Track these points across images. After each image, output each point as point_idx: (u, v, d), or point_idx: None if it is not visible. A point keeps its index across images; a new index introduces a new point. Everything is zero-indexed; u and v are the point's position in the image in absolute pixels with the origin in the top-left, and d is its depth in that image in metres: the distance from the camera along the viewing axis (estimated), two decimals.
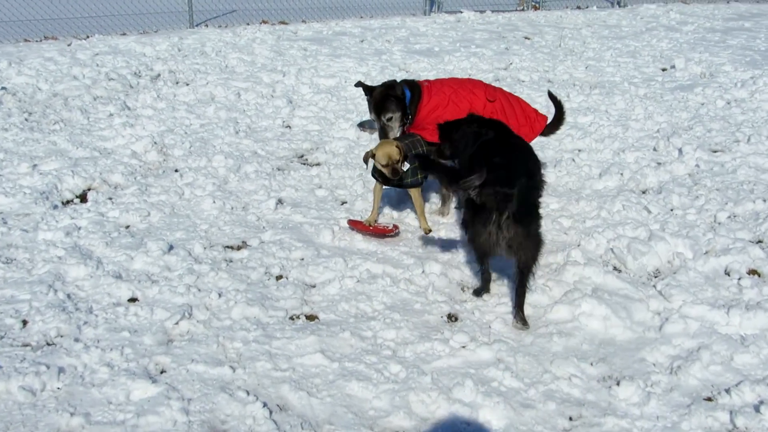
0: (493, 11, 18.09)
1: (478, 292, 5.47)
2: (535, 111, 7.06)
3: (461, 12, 17.59)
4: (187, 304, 5.16)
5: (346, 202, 7.10)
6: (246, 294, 5.31)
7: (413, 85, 6.76)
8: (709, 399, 4.32)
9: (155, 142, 8.46)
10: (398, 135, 6.75)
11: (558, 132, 7.28)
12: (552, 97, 7.13)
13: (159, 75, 11.77)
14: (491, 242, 4.90)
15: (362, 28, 15.80)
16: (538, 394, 4.34)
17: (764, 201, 6.78)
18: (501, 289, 5.48)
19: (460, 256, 5.98)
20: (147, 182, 7.45)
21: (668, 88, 11.21)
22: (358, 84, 6.93)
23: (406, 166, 6.28)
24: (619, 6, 19.80)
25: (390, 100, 6.60)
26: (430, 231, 6.52)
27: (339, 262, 5.78)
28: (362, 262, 5.81)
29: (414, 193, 6.52)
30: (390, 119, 6.66)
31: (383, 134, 6.71)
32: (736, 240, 6.10)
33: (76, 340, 4.70)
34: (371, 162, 6.26)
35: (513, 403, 4.23)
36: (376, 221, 6.50)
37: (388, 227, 6.44)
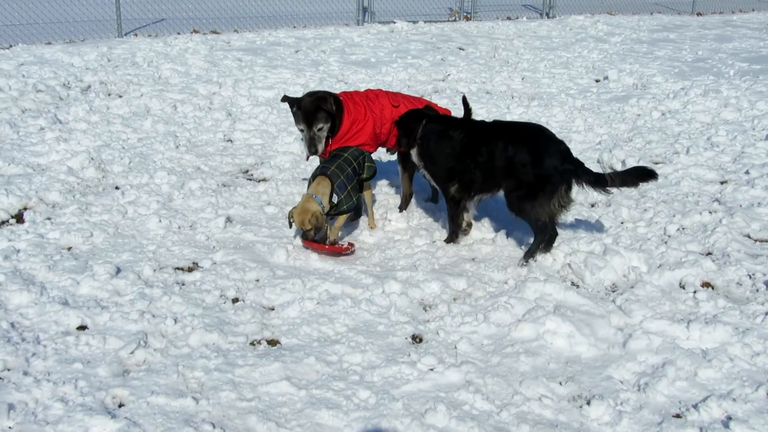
0: (425, 22, 18.16)
1: (548, 247, 6.20)
2: (437, 107, 7.23)
3: (394, 22, 17.59)
4: (142, 331, 4.93)
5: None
6: (203, 319, 5.12)
7: (336, 99, 6.74)
8: (678, 416, 4.34)
9: (92, 158, 8.15)
10: (325, 147, 6.70)
11: None
12: (464, 102, 7.35)
13: (90, 86, 11.37)
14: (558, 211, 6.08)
15: (296, 38, 15.64)
16: (510, 416, 4.28)
17: (710, 213, 6.92)
18: (463, 308, 5.42)
19: (418, 274, 5.89)
20: (87, 201, 7.14)
21: (604, 99, 11.40)
22: (284, 99, 6.80)
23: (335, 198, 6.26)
24: (548, 17, 20.14)
25: (320, 110, 6.53)
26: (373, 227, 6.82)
27: (297, 283, 5.64)
28: (320, 282, 5.68)
29: (366, 195, 6.74)
30: (321, 129, 6.59)
31: (312, 144, 6.61)
32: (688, 253, 6.20)
33: (25, 373, 4.44)
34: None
35: (487, 427, 4.16)
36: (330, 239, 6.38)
37: (343, 246, 6.32)
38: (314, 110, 6.53)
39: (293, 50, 14.52)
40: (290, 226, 6.26)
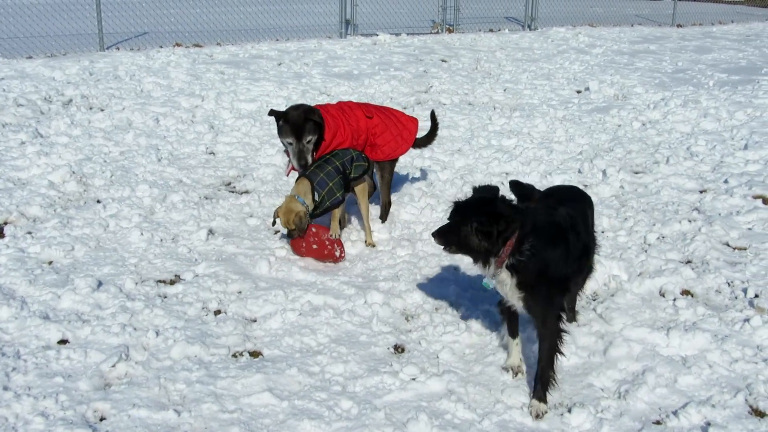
0: (408, 34, 18.22)
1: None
2: (406, 116, 7.39)
3: (377, 35, 17.65)
4: (123, 344, 4.92)
5: (279, 231, 6.96)
6: (185, 331, 5.11)
7: (320, 114, 6.71)
8: (658, 422, 4.37)
9: (73, 172, 8.12)
10: (312, 158, 6.67)
11: (431, 144, 7.83)
12: (432, 116, 7.64)
13: (71, 100, 11.33)
14: None
15: (279, 51, 15.66)
16: (492, 425, 4.31)
17: (690, 221, 6.99)
18: (445, 317, 5.44)
19: (401, 284, 5.91)
20: (68, 214, 7.11)
21: (585, 110, 11.49)
22: (271, 112, 6.76)
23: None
24: (530, 29, 20.28)
25: (309, 122, 6.51)
26: (373, 245, 6.77)
27: (279, 294, 5.65)
28: (303, 293, 5.69)
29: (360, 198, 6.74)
30: (309, 141, 6.55)
31: (301, 157, 6.55)
32: (668, 261, 6.26)
33: (5, 388, 4.42)
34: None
35: None
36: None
37: (331, 241, 6.41)
38: (303, 122, 6.48)
39: (276, 63, 14.53)
40: (273, 224, 6.41)
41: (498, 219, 4.27)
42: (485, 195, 4.47)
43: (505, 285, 4.44)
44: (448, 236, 4.48)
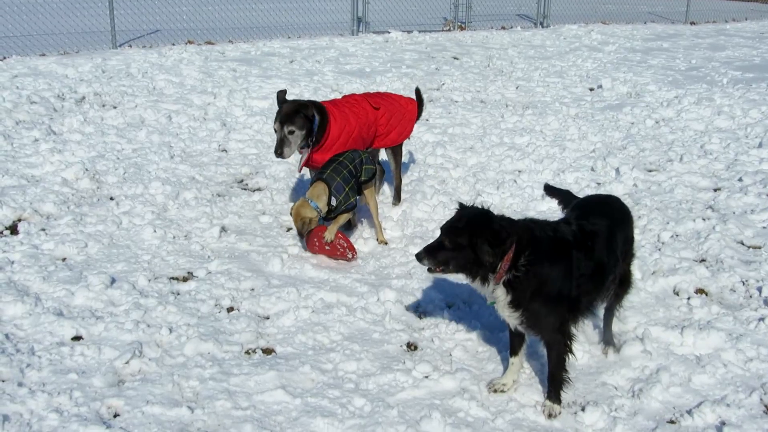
0: (420, 31, 18.21)
1: None
2: (404, 98, 7.63)
3: (389, 32, 17.65)
4: (137, 341, 4.93)
5: (292, 228, 6.96)
6: (198, 328, 5.12)
7: (321, 109, 6.72)
8: (672, 422, 4.36)
9: (87, 169, 8.14)
10: (293, 152, 6.65)
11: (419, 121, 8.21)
12: (417, 93, 7.93)
13: (84, 98, 11.35)
14: None
15: (291, 49, 15.67)
16: (505, 423, 4.30)
17: (704, 220, 6.95)
18: (458, 315, 5.44)
19: (413, 282, 5.91)
20: (81, 211, 7.14)
21: (598, 107, 11.44)
22: (279, 93, 6.80)
23: (333, 201, 6.33)
24: (542, 26, 20.23)
25: (298, 115, 6.51)
26: (385, 243, 6.78)
27: (291, 291, 5.65)
28: (315, 291, 5.70)
29: (369, 202, 6.76)
30: (291, 133, 6.53)
31: (279, 146, 6.54)
32: (682, 259, 6.23)
33: (20, 384, 4.44)
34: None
35: None
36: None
37: (342, 247, 6.38)
38: (291, 113, 6.51)
39: (288, 60, 14.54)
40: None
41: (497, 233, 4.16)
42: (477, 211, 4.33)
43: (500, 302, 4.33)
44: (440, 255, 4.31)
